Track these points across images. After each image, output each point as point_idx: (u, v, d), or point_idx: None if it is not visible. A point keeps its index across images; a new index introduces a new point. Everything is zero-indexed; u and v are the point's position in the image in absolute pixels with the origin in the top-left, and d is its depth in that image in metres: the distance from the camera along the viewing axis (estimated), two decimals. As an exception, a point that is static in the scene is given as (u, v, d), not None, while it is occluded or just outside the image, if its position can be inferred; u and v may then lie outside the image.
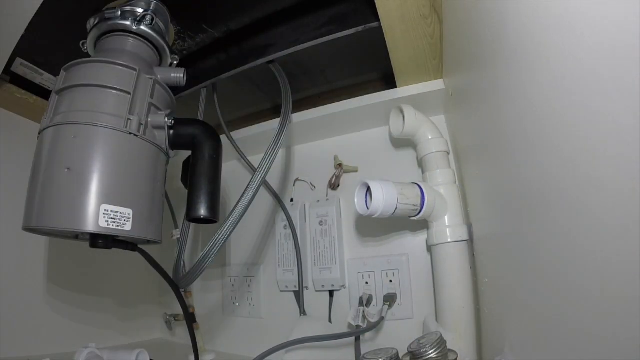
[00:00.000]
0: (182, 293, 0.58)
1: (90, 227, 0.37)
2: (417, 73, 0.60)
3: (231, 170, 0.85)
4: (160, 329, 0.85)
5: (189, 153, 0.51)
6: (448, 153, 0.60)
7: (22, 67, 0.56)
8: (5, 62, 0.53)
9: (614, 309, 0.21)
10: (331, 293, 0.68)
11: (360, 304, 0.63)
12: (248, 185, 0.48)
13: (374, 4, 0.46)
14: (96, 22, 0.47)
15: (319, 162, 0.77)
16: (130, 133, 0.41)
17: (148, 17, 0.47)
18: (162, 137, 0.46)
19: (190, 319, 0.69)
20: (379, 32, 0.51)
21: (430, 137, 0.59)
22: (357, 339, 0.55)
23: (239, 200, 0.48)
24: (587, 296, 0.24)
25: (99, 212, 0.37)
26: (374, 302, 0.63)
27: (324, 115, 0.69)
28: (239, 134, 0.76)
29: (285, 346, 0.49)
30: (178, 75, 0.49)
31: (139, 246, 0.47)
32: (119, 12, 0.46)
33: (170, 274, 0.54)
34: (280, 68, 0.60)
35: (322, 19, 0.57)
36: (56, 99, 0.43)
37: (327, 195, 0.74)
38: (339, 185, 0.73)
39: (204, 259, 0.47)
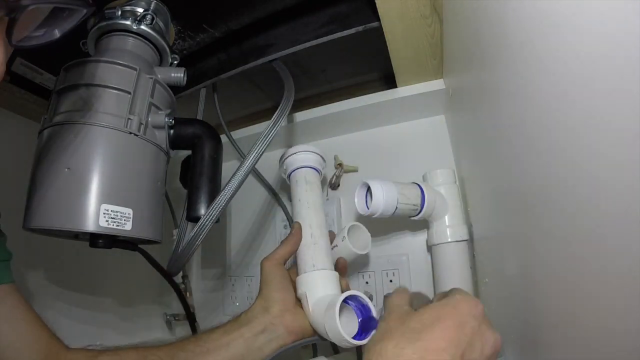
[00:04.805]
0: (181, 289, 0.58)
1: (90, 226, 0.37)
2: (418, 73, 0.60)
3: (231, 170, 0.85)
4: (160, 329, 0.85)
5: (187, 152, 0.51)
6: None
7: (22, 67, 0.55)
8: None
9: (615, 310, 0.21)
10: (331, 293, 0.68)
11: (361, 303, 0.63)
12: (242, 164, 0.48)
13: (374, 3, 0.46)
14: (96, 21, 0.47)
15: (319, 162, 0.76)
16: (131, 133, 0.41)
17: (148, 17, 0.47)
18: (162, 136, 0.46)
19: (191, 317, 0.68)
20: (379, 32, 0.51)
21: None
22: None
23: (229, 182, 0.47)
24: (588, 296, 0.24)
25: (99, 212, 0.37)
26: (374, 302, 0.63)
27: (324, 115, 0.69)
28: (239, 134, 0.76)
29: (283, 350, 0.49)
30: (178, 75, 0.49)
31: (139, 246, 0.47)
32: (119, 12, 0.46)
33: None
34: (282, 64, 0.60)
35: (322, 19, 0.57)
36: (56, 99, 0.43)
37: (327, 195, 0.74)
38: (339, 185, 0.73)
39: (192, 243, 0.47)
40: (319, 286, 0.46)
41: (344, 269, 0.52)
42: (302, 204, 0.53)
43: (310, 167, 0.57)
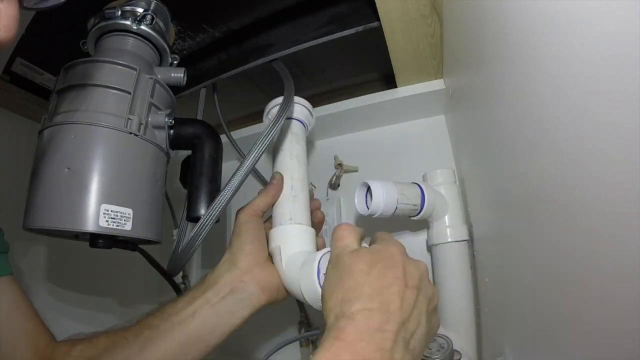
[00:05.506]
0: (181, 289, 0.58)
1: (90, 227, 0.37)
2: (417, 73, 0.60)
3: (231, 170, 0.85)
4: (160, 329, 0.85)
5: (187, 152, 0.51)
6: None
7: (22, 67, 0.55)
8: (5, 62, 0.53)
9: (615, 309, 0.21)
10: (331, 293, 0.68)
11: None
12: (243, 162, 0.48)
13: (374, 3, 0.46)
14: (96, 22, 0.47)
15: (319, 162, 0.76)
16: (131, 133, 0.41)
17: (148, 17, 0.47)
18: (162, 136, 0.46)
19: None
20: (379, 32, 0.51)
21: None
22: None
23: (229, 182, 0.47)
24: (588, 296, 0.24)
25: (99, 212, 0.37)
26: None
27: (324, 115, 0.69)
28: (239, 134, 0.76)
29: (286, 344, 0.49)
30: (178, 75, 0.49)
31: (139, 246, 0.47)
32: (119, 12, 0.46)
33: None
34: (282, 64, 0.60)
35: (322, 19, 0.57)
36: (56, 99, 0.43)
37: (327, 195, 0.74)
38: (339, 185, 0.73)
39: (192, 243, 0.47)
40: (295, 241, 0.43)
41: (320, 224, 0.49)
42: (285, 154, 0.50)
43: (297, 120, 0.54)
